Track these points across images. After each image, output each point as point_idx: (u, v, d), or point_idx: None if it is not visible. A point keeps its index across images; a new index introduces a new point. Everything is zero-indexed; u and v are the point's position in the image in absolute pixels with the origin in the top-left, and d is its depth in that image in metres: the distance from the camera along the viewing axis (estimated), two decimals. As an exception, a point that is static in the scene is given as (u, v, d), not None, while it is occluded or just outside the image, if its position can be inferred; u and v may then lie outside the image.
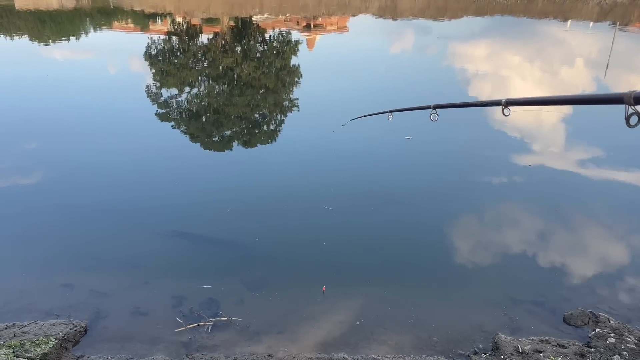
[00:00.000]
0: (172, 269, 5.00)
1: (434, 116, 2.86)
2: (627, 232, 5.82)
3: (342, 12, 28.38)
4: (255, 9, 27.95)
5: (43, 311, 4.22)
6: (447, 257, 5.23)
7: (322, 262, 5.08)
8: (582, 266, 5.10)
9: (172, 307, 4.34)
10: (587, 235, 5.81)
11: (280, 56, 16.12)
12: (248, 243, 5.43)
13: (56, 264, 5.04)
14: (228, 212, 5.99)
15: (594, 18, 25.03)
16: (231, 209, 6.06)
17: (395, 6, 29.50)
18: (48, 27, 21.75)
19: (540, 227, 5.91)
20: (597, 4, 29.49)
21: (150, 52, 15.95)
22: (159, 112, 10.10)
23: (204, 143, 8.63)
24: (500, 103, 2.07)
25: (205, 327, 4.08)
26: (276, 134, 9.08)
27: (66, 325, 3.95)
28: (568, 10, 27.47)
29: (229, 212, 5.99)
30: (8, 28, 21.54)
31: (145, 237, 5.56)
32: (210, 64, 15.07)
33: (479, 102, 2.45)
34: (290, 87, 12.45)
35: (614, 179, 7.12)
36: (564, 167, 7.52)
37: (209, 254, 5.26)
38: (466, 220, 6.05)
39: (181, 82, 12.58)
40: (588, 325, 4.12)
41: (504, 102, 2.05)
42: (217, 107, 10.54)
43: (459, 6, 29.27)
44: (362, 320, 4.23)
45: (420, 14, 27.01)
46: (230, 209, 6.04)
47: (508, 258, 5.27)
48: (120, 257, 5.15)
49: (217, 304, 4.38)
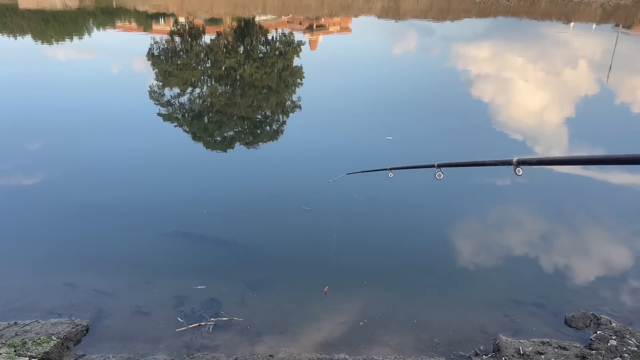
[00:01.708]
0: (173, 268, 5.01)
1: (439, 175, 2.69)
2: (629, 234, 5.82)
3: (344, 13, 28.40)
4: (258, 10, 27.99)
5: (45, 310, 4.23)
6: (448, 259, 5.23)
7: (324, 262, 5.08)
8: (584, 268, 5.10)
9: (174, 306, 4.34)
10: (589, 237, 5.81)
11: (282, 57, 16.13)
12: (250, 243, 5.43)
13: (58, 263, 5.05)
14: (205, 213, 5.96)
15: (597, 20, 25.00)
16: (207, 210, 6.02)
17: (397, 7, 29.50)
18: (51, 27, 21.81)
19: (542, 229, 5.90)
20: (600, 5, 29.45)
21: (152, 52, 15.98)
22: (161, 112, 10.12)
23: (206, 143, 8.64)
24: (511, 162, 1.92)
25: (207, 327, 4.09)
26: (278, 134, 9.09)
27: (68, 324, 3.96)
28: (571, 12, 27.44)
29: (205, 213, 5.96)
30: (11, 27, 21.60)
31: (147, 236, 5.57)
32: (212, 64, 15.09)
33: (488, 162, 2.20)
34: (292, 88, 12.46)
35: (616, 181, 7.11)
36: (566, 169, 7.51)
37: (210, 254, 5.27)
38: (467, 222, 6.05)
39: (184, 82, 12.60)
40: (589, 327, 4.11)
41: (515, 162, 1.90)
42: (219, 108, 10.55)
43: (462, 7, 29.27)
44: (363, 321, 4.23)
45: (423, 15, 27.01)
46: (206, 211, 6.02)
47: (509, 260, 5.26)
48: (122, 256, 5.16)
49: (218, 303, 4.39)
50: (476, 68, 14.76)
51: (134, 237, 5.54)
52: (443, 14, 27.25)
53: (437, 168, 2.65)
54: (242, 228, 5.76)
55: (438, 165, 2.65)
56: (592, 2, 30.12)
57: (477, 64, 15.47)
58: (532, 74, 14.14)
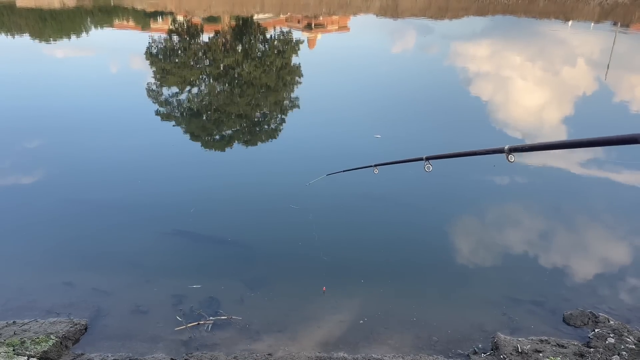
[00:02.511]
0: (172, 267, 5.01)
1: (428, 167, 2.65)
2: (627, 232, 5.83)
3: (343, 12, 28.37)
4: (256, 8, 27.95)
5: (43, 309, 4.23)
6: (447, 257, 5.24)
7: (323, 261, 5.08)
8: (582, 266, 5.11)
9: (173, 305, 4.34)
10: (587, 235, 5.82)
11: (281, 55, 16.12)
12: (249, 242, 5.43)
13: (57, 262, 5.05)
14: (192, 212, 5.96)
15: (595, 18, 25.01)
16: (195, 209, 6.02)
17: (396, 6, 29.48)
18: (49, 26, 21.75)
19: (540, 227, 5.91)
20: (598, 4, 29.47)
21: (151, 50, 15.95)
22: (159, 111, 10.10)
23: (204, 142, 8.63)
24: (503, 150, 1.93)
25: (206, 326, 4.09)
26: (277, 133, 9.08)
27: (66, 323, 3.96)
28: (569, 11, 27.45)
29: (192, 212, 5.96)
30: (9, 26, 21.53)
31: (146, 235, 5.57)
32: (211, 63, 15.07)
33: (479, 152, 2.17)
34: (291, 86, 12.45)
35: (614, 179, 7.12)
36: (565, 166, 7.52)
37: (209, 253, 5.27)
38: (466, 221, 6.06)
39: (182, 80, 12.58)
40: (588, 325, 4.12)
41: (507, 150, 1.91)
42: (217, 106, 10.54)
43: (460, 6, 29.26)
44: (362, 319, 4.24)
45: (422, 13, 27.00)
46: (193, 209, 6.01)
47: (508, 258, 5.27)
48: (121, 255, 5.15)
49: (217, 302, 4.39)
50: (474, 66, 14.77)
51: (133, 236, 5.53)
52: (442, 12, 27.25)
53: (425, 161, 2.63)
54: (241, 227, 5.76)
55: (426, 158, 2.62)
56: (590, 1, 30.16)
57: (474, 61, 15.47)
58: (531, 72, 14.15)
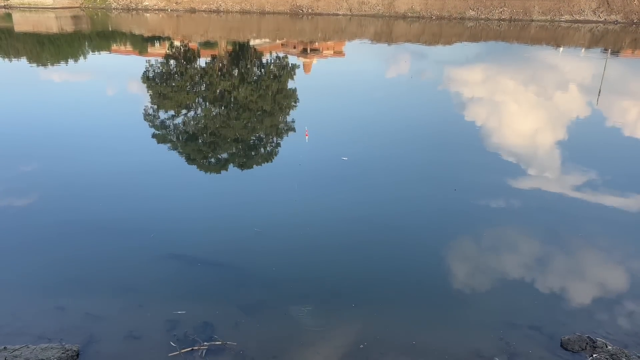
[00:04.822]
0: (166, 291, 4.95)
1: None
2: (624, 257, 5.83)
3: (338, 37, 28.78)
4: (252, 34, 28.31)
5: (35, 335, 4.17)
6: (444, 282, 5.21)
7: (319, 286, 5.05)
8: (579, 291, 5.09)
9: (166, 330, 4.29)
10: (585, 260, 5.81)
11: (277, 80, 16.26)
12: (244, 266, 5.40)
13: (49, 286, 4.99)
14: (152, 237, 5.93)
15: (585, 44, 25.46)
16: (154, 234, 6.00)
17: (390, 31, 29.95)
18: (47, 50, 21.90)
19: (538, 252, 5.91)
20: (588, 30, 30.04)
21: (148, 74, 16.07)
22: (156, 134, 10.13)
23: (200, 165, 8.64)
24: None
25: (200, 352, 4.03)
26: (272, 157, 9.10)
27: (58, 349, 3.90)
28: (560, 37, 27.95)
29: (152, 237, 5.93)
30: (7, 50, 21.68)
31: (139, 259, 5.52)
32: (207, 87, 15.18)
33: None
34: (287, 110, 12.53)
35: (610, 204, 7.15)
36: (560, 190, 7.56)
37: (204, 277, 5.22)
38: (463, 246, 6.05)
39: (178, 104, 12.65)
40: (586, 350, 4.09)
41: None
42: (213, 130, 10.58)
43: (454, 32, 29.75)
44: (359, 345, 4.19)
45: (415, 39, 27.41)
46: (153, 235, 5.98)
47: (505, 282, 5.25)
48: (114, 279, 5.10)
49: (211, 327, 4.34)
50: (467, 90, 14.93)
51: (126, 260, 5.49)
52: (435, 38, 27.67)
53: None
54: (236, 251, 5.73)
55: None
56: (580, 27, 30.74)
57: (467, 86, 15.65)
58: (525, 97, 14.32)
